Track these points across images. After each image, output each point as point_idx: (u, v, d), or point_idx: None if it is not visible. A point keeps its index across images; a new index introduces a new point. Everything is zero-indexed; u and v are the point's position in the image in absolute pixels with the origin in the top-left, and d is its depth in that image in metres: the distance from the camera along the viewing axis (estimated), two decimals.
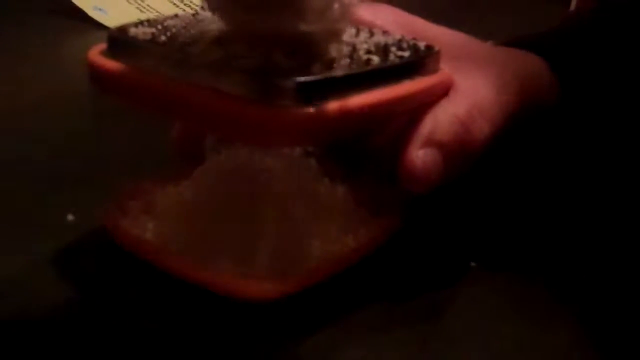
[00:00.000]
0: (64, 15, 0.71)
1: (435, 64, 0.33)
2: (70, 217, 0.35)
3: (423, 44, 0.32)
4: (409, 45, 0.32)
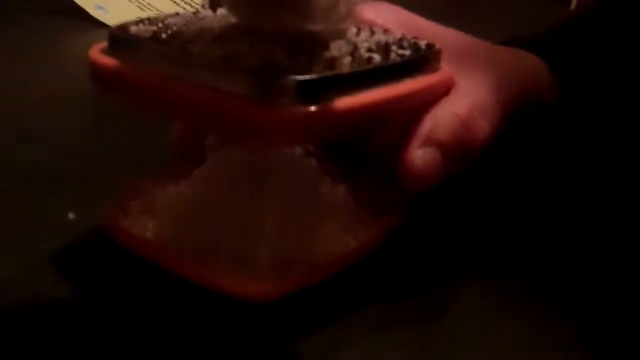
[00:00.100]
0: (65, 14, 0.71)
1: (436, 62, 0.33)
2: (71, 216, 0.35)
3: (424, 43, 0.32)
4: (410, 44, 0.32)
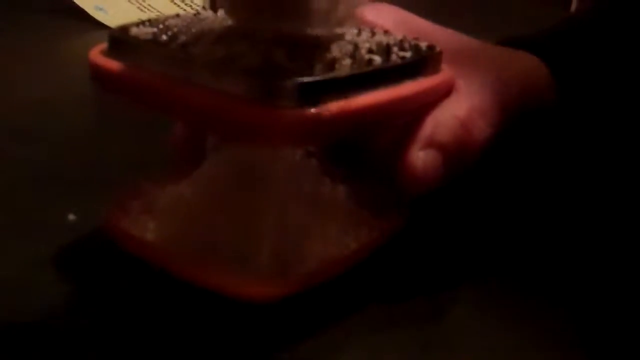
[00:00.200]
0: (65, 15, 0.71)
1: (437, 64, 0.33)
2: (72, 217, 0.35)
3: (425, 44, 0.32)
4: (410, 46, 0.32)
